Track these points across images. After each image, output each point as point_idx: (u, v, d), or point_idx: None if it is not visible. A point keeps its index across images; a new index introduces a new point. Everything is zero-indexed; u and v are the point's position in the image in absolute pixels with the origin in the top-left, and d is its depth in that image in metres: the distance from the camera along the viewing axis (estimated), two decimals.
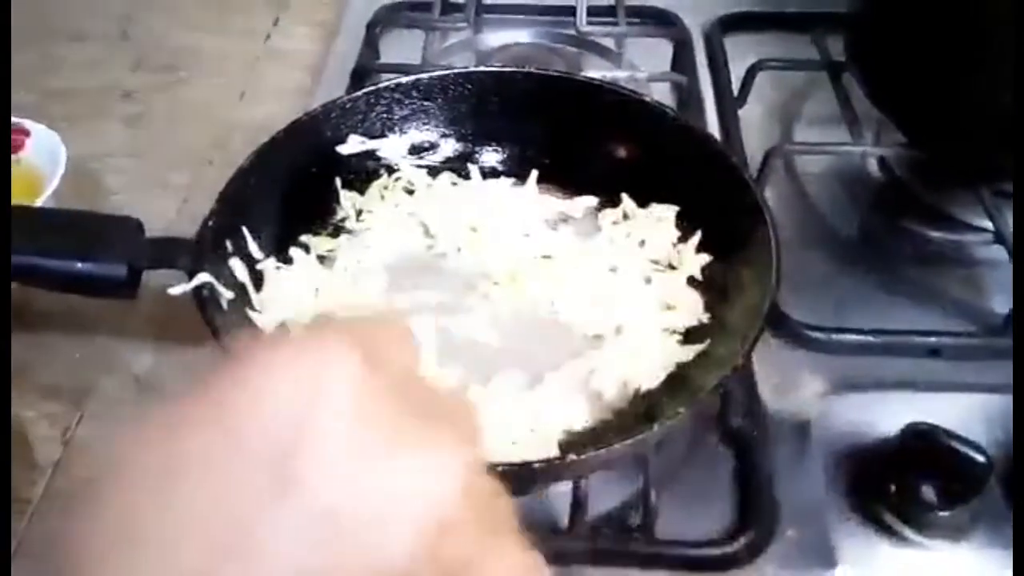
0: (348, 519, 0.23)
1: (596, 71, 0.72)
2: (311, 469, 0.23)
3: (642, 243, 0.56)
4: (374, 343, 0.26)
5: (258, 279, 0.53)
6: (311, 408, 0.23)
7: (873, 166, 0.68)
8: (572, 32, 0.79)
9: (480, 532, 0.25)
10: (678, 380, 0.49)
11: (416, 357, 0.29)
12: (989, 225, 0.60)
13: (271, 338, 0.24)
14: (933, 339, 0.56)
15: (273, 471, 0.23)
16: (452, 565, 0.24)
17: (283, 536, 0.22)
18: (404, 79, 0.60)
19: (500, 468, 0.37)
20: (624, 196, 0.58)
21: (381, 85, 0.59)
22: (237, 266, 0.52)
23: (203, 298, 0.47)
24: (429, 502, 0.24)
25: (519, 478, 0.41)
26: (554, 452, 0.45)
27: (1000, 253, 0.58)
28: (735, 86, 0.74)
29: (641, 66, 0.75)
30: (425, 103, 0.60)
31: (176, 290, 0.48)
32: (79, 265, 0.49)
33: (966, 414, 0.51)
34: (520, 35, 0.82)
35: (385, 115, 0.59)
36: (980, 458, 0.45)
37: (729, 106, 0.73)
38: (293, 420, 0.23)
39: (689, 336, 0.52)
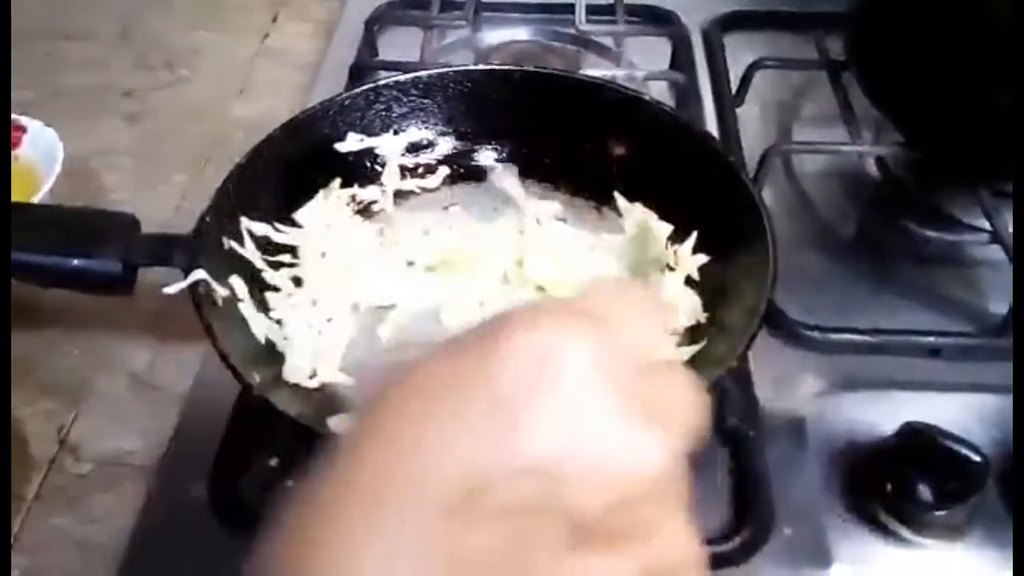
0: (552, 467, 0.25)
1: (595, 69, 0.72)
2: (533, 421, 0.25)
3: (634, 239, 0.56)
4: (617, 317, 0.27)
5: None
6: (543, 374, 0.25)
7: (871, 166, 0.68)
8: (571, 30, 0.79)
9: (660, 510, 0.26)
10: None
11: (658, 331, 0.30)
12: (987, 225, 0.59)
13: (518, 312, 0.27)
14: (930, 339, 0.55)
15: (499, 419, 0.25)
16: (626, 530, 0.25)
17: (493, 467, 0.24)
18: (402, 77, 0.59)
19: None
20: (616, 195, 0.58)
21: (380, 83, 0.59)
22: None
23: (198, 296, 0.47)
24: (629, 473, 0.25)
25: None
26: None
27: (998, 253, 0.58)
28: (734, 85, 0.74)
29: (640, 65, 0.75)
30: (423, 101, 0.60)
31: (172, 288, 0.48)
32: (74, 262, 0.49)
33: (963, 414, 0.51)
34: (519, 33, 0.82)
35: (384, 113, 0.59)
36: (976, 457, 0.45)
37: (727, 105, 0.72)
38: (527, 382, 0.25)
39: (686, 335, 0.52)
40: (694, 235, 0.55)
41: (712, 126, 0.71)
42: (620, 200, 0.58)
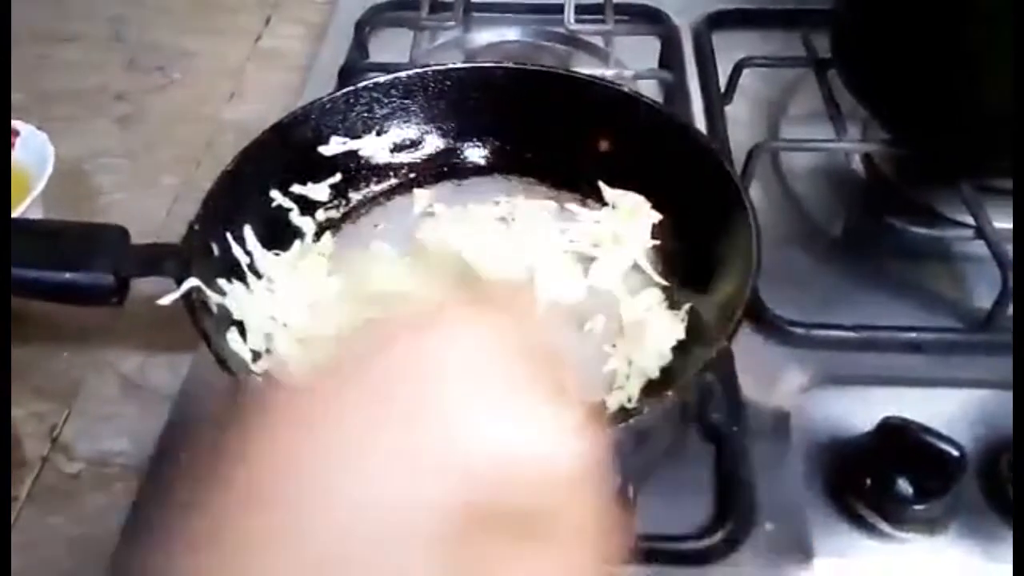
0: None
1: (585, 68, 0.72)
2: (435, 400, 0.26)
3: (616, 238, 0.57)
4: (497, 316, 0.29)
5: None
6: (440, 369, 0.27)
7: (857, 163, 0.69)
8: (560, 30, 0.79)
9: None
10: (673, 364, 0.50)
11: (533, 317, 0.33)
12: (970, 221, 0.60)
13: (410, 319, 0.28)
14: (914, 334, 0.56)
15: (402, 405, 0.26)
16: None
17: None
18: (382, 78, 0.60)
19: None
20: (601, 184, 0.58)
21: (360, 85, 0.59)
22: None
23: (192, 304, 0.47)
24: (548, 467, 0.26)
25: None
26: None
27: (981, 248, 0.58)
28: (722, 83, 0.74)
29: (629, 63, 0.75)
30: (405, 101, 0.60)
31: (166, 300, 0.48)
32: (66, 275, 0.50)
33: (947, 409, 0.51)
34: (508, 33, 0.82)
35: (366, 114, 0.60)
36: (954, 452, 0.45)
37: (716, 103, 0.73)
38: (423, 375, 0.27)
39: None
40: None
41: (701, 124, 0.72)
42: (605, 189, 0.58)
